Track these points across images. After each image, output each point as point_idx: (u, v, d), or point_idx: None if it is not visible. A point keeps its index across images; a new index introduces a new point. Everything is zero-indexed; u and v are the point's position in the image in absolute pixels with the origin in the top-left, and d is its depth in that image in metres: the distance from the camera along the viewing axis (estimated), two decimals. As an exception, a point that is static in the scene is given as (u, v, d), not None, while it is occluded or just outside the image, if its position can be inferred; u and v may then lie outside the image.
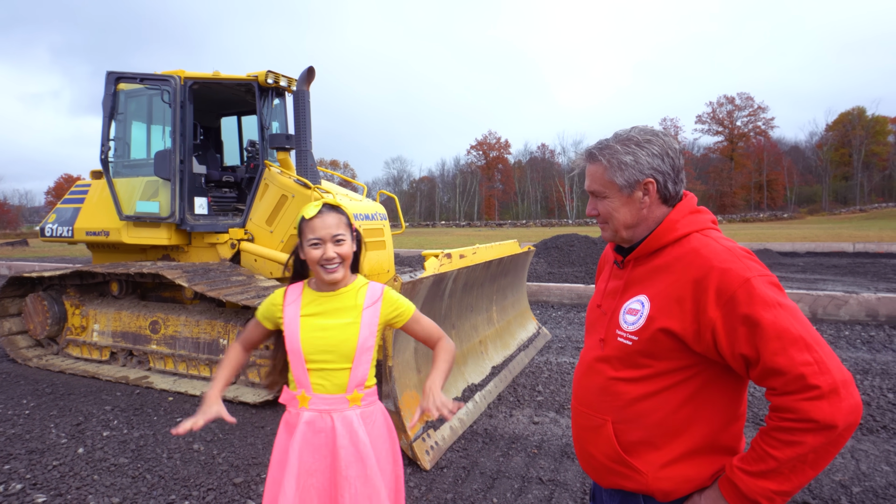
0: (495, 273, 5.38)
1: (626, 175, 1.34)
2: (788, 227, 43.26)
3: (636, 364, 1.32)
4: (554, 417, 4.17)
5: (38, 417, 4.27)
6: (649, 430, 1.30)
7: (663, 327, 1.26)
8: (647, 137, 1.35)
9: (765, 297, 1.15)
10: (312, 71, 5.42)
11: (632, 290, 1.38)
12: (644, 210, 1.36)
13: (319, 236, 1.68)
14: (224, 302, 4.98)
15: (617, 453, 1.33)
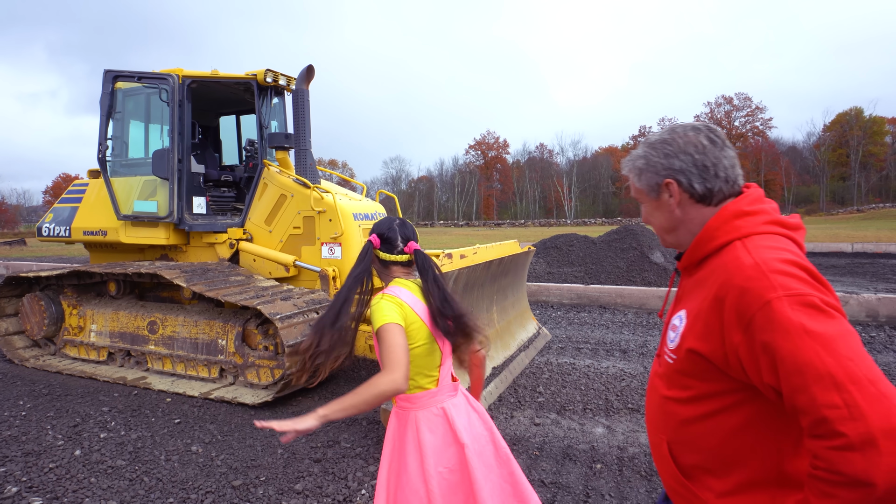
0: (496, 273, 5.35)
1: (646, 179, 1.31)
2: (786, 227, 43.21)
3: (680, 384, 1.24)
4: (555, 419, 4.15)
5: (34, 419, 4.23)
6: (705, 454, 1.22)
7: (691, 347, 1.18)
8: (664, 137, 1.29)
9: (786, 322, 1.00)
10: (312, 69, 5.38)
11: (680, 303, 1.31)
12: (676, 212, 1.29)
13: None
14: (223, 302, 4.95)
15: (676, 475, 1.26)
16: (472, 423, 1.90)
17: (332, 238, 5.20)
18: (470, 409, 1.94)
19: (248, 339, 4.74)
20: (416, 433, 1.80)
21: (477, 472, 1.77)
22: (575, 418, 4.15)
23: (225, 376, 4.96)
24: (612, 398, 4.55)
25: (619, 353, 6.00)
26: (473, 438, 1.85)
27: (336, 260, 5.24)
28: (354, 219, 5.31)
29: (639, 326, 7.44)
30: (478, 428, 1.90)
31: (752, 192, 1.26)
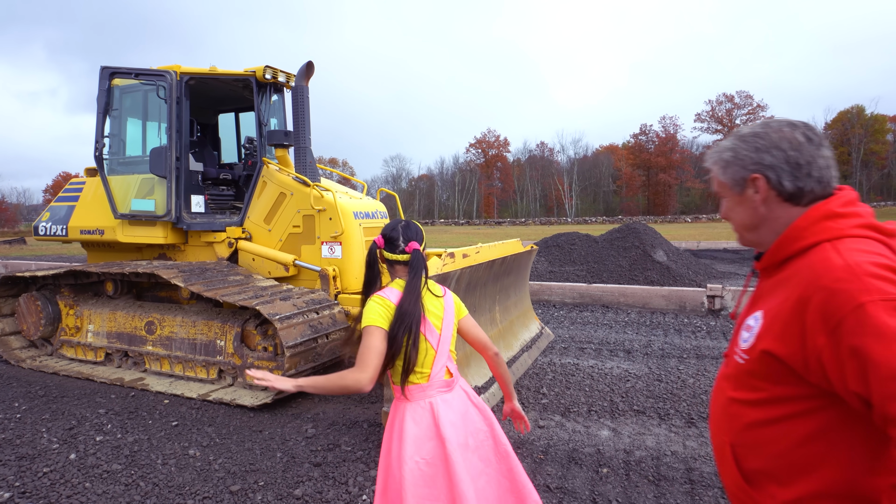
0: (498, 272, 5.28)
1: (731, 172, 1.26)
2: (787, 225, 43.12)
3: (750, 385, 1.19)
4: (559, 421, 4.07)
5: (29, 421, 4.15)
6: (770, 460, 1.17)
7: (766, 349, 1.13)
8: (756, 130, 1.24)
9: (881, 326, 0.95)
10: (311, 66, 5.30)
11: (757, 303, 1.25)
12: (761, 209, 1.24)
13: None
14: (221, 302, 4.87)
15: (738, 479, 1.22)
16: (470, 419, 1.95)
17: (333, 237, 5.12)
18: (469, 405, 1.99)
19: (246, 339, 4.67)
20: (402, 422, 1.89)
21: (458, 467, 1.81)
22: (580, 420, 4.07)
23: (224, 377, 4.88)
24: (617, 400, 4.47)
25: (623, 354, 5.92)
26: (471, 433, 1.92)
27: (336, 259, 5.16)
28: (355, 217, 5.23)
29: (642, 326, 7.36)
30: (477, 423, 1.96)
31: (844, 193, 1.20)
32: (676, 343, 6.36)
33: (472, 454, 1.90)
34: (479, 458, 1.92)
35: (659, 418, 4.08)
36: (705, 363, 5.48)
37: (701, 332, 6.96)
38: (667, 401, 4.41)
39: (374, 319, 1.85)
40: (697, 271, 11.69)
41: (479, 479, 1.88)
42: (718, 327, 7.17)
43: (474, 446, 1.92)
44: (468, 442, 1.91)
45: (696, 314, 8.09)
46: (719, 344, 6.29)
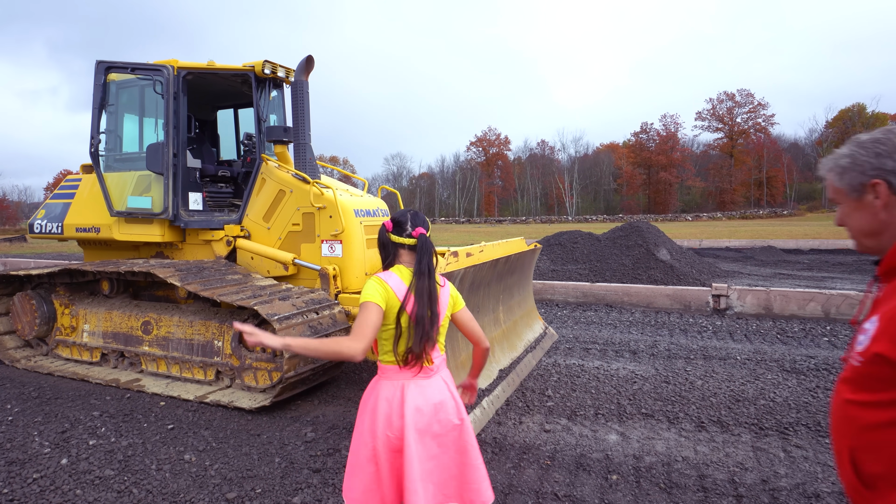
0: (502, 272, 5.16)
1: (848, 178, 1.27)
2: (789, 224, 43.08)
3: (865, 387, 1.17)
4: (566, 425, 3.96)
5: (21, 424, 4.05)
6: (890, 465, 1.13)
7: (878, 351, 1.12)
8: (876, 136, 1.24)
9: None
10: (311, 60, 5.18)
11: (875, 307, 1.24)
12: (881, 215, 1.23)
13: None
14: (219, 302, 4.76)
15: (857, 484, 1.19)
16: (443, 409, 2.01)
17: (333, 235, 5.01)
18: (448, 396, 2.06)
19: (244, 340, 4.55)
20: (377, 397, 2.01)
21: (409, 450, 1.91)
22: (587, 424, 3.96)
23: (221, 379, 4.77)
24: (625, 402, 4.36)
25: (628, 355, 5.81)
26: (437, 421, 1.99)
27: (337, 258, 5.05)
28: (356, 215, 5.12)
29: (647, 326, 7.25)
30: (449, 414, 2.02)
31: None
32: (682, 343, 6.25)
33: (430, 439, 1.98)
34: (438, 444, 2.00)
35: (668, 422, 3.97)
36: (713, 364, 5.37)
37: (707, 332, 6.85)
38: (675, 403, 4.30)
39: (372, 296, 1.94)
40: (701, 270, 11.57)
41: (430, 461, 1.97)
42: (725, 327, 7.06)
43: (437, 432, 1.99)
44: (432, 428, 1.98)
45: (702, 314, 7.98)
46: (726, 344, 6.18)
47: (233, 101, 6.88)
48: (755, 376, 4.95)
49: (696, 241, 20.34)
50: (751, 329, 6.94)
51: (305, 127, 5.23)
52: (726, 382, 4.78)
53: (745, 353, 5.74)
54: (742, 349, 5.93)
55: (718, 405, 4.25)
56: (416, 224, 2.09)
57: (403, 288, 1.99)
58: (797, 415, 4.02)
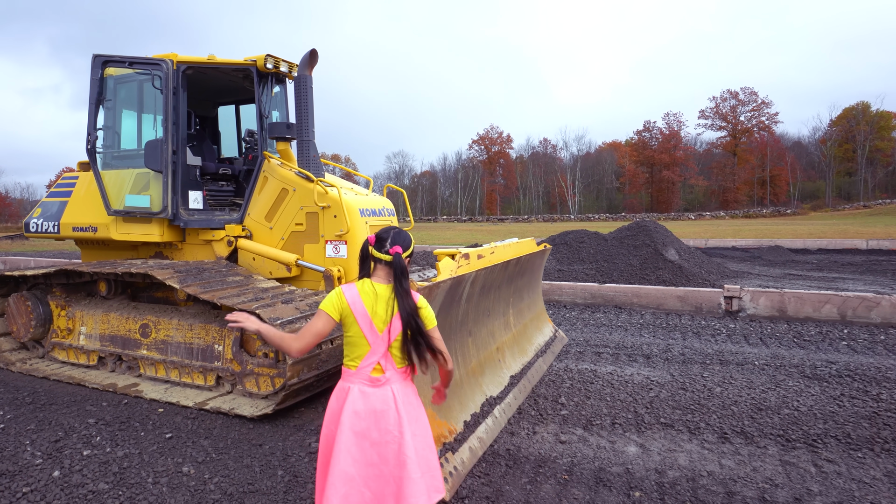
0: (512, 274, 4.98)
1: None
2: (792, 223, 42.84)
3: None
4: (582, 435, 3.78)
5: (13, 432, 3.88)
6: None
7: None
8: None
9: None
10: (315, 54, 5.00)
11: None
12: None
13: None
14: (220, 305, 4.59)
15: None
16: (384, 418, 2.11)
17: (338, 235, 4.83)
18: (392, 408, 2.13)
19: (246, 344, 4.38)
20: (332, 393, 2.22)
21: (338, 445, 2.07)
22: (604, 435, 3.78)
23: (222, 384, 4.60)
24: (642, 411, 4.18)
25: (642, 359, 5.63)
26: (376, 428, 2.10)
27: (341, 259, 4.88)
28: (361, 215, 4.94)
29: (658, 329, 7.07)
30: (390, 424, 2.11)
31: None
32: (696, 347, 6.06)
33: (370, 446, 2.09)
34: (378, 453, 2.09)
35: (689, 432, 3.79)
36: (730, 370, 5.19)
37: (720, 335, 6.67)
38: (695, 412, 4.12)
39: (327, 306, 2.16)
40: (710, 271, 11.39)
41: (369, 468, 2.08)
42: (738, 330, 6.87)
43: (376, 440, 2.10)
44: (370, 434, 2.10)
45: (713, 316, 7.80)
46: (742, 349, 5.99)
47: (234, 98, 6.71)
48: (775, 383, 4.77)
49: (702, 240, 20.14)
50: (766, 332, 6.76)
51: (309, 123, 5.05)
52: (746, 390, 4.60)
53: (762, 358, 5.55)
54: (759, 354, 5.75)
55: (740, 414, 4.07)
56: (395, 243, 2.22)
57: (359, 300, 2.15)
58: (825, 425, 3.83)
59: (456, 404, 3.61)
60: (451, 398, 3.60)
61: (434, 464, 2.19)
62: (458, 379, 3.74)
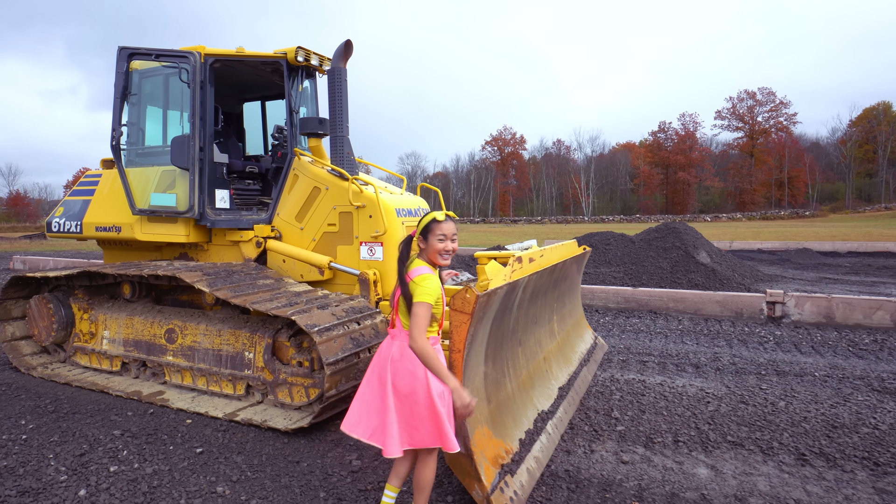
0: (557, 278, 4.69)
1: None
2: (813, 225, 42.02)
3: None
4: (644, 454, 3.48)
5: (35, 444, 3.66)
6: None
7: None
8: None
9: None
10: (350, 45, 4.75)
11: None
12: None
13: (446, 234, 2.50)
14: (250, 309, 4.35)
15: None
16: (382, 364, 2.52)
17: (373, 237, 4.58)
18: (389, 360, 2.49)
19: (279, 352, 4.14)
20: None
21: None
22: (668, 454, 3.48)
23: (252, 394, 4.36)
24: (704, 427, 3.87)
25: (691, 369, 5.30)
26: (379, 369, 2.53)
27: (377, 262, 4.62)
28: (397, 215, 4.68)
29: (700, 335, 6.73)
30: (385, 372, 2.48)
31: None
32: (746, 356, 5.73)
33: (375, 374, 2.54)
34: (378, 379, 2.51)
35: (762, 453, 3.47)
36: (790, 381, 4.85)
37: (768, 343, 6.32)
38: (764, 430, 3.80)
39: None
40: (744, 274, 11.00)
41: (368, 386, 2.55)
42: (787, 338, 6.51)
43: (377, 374, 2.52)
44: (376, 367, 2.54)
45: (755, 322, 7.44)
46: (795, 358, 5.64)
47: (260, 93, 6.49)
48: (843, 397, 4.43)
49: (727, 242, 19.65)
50: (815, 340, 6.39)
51: (343, 118, 4.81)
52: (813, 404, 4.27)
53: (820, 369, 5.21)
54: (815, 364, 5.40)
55: (814, 433, 3.74)
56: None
57: None
58: (912, 447, 3.50)
59: (510, 420, 3.33)
60: (505, 414, 3.32)
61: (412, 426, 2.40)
62: (510, 393, 3.46)
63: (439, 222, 2.49)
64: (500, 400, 3.34)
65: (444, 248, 2.49)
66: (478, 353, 3.06)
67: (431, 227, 2.50)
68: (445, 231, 2.49)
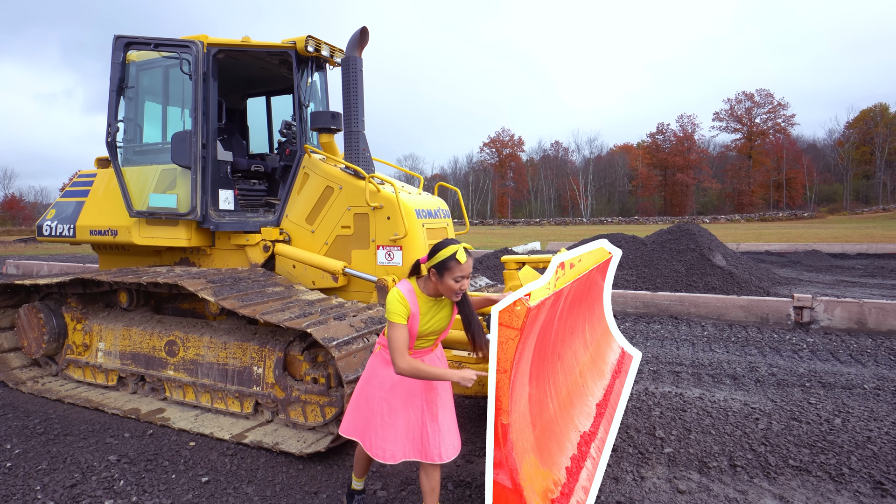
0: (588, 284, 4.35)
1: None
2: (812, 226, 41.86)
3: None
4: (701, 481, 3.13)
5: (21, 473, 3.28)
6: None
7: None
8: None
9: None
10: (366, 32, 4.40)
11: None
12: None
13: (464, 275, 2.39)
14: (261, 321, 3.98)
15: None
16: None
17: (392, 240, 4.22)
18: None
19: (290, 367, 3.77)
20: None
21: None
22: (727, 481, 3.13)
23: (261, 412, 3.99)
24: (760, 449, 3.52)
25: (728, 380, 4.96)
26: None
27: (395, 267, 4.26)
28: (418, 216, 4.33)
29: (729, 343, 6.39)
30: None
31: None
32: (783, 366, 5.39)
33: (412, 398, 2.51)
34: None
35: (832, 480, 3.12)
36: (838, 394, 4.52)
37: (803, 350, 5.98)
38: (827, 452, 3.46)
39: None
40: (761, 277, 10.68)
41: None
42: (820, 345, 6.18)
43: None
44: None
45: (782, 328, 7.11)
46: (835, 367, 5.31)
47: (265, 88, 6.13)
48: (902, 412, 4.10)
49: (734, 244, 19.35)
50: (852, 348, 6.06)
51: (359, 112, 4.45)
52: (874, 422, 3.93)
53: (868, 380, 4.87)
54: (860, 374, 5.07)
55: (885, 456, 3.40)
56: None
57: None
58: None
59: (554, 447, 2.97)
60: (549, 439, 2.97)
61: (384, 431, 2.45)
62: (552, 414, 3.11)
63: (460, 263, 2.32)
64: (544, 423, 2.99)
65: (459, 287, 2.36)
66: (523, 372, 2.71)
67: (450, 265, 2.33)
68: (465, 272, 2.35)
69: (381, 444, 2.44)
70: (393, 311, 2.33)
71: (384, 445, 2.43)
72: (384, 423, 2.44)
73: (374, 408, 2.47)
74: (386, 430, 2.44)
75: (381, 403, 2.46)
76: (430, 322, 2.44)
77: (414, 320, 2.37)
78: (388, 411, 2.44)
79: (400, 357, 2.28)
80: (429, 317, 2.43)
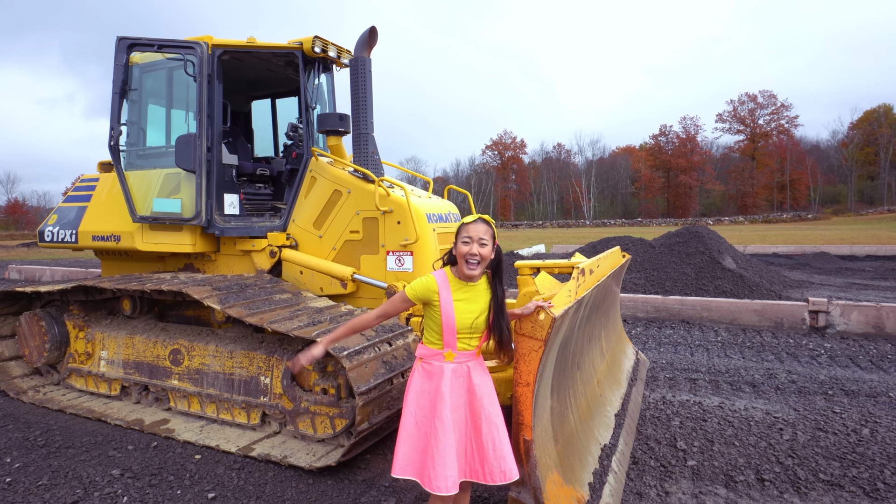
0: (605, 290, 4.22)
1: None
2: (817, 227, 41.67)
3: None
4: (728, 497, 2.99)
5: (21, 489, 3.16)
6: None
7: None
8: None
9: None
10: (375, 32, 4.30)
11: None
12: None
13: (471, 236, 2.25)
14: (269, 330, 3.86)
15: None
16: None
17: (402, 245, 4.10)
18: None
19: (299, 377, 3.65)
20: None
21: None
22: (756, 497, 3.00)
23: (268, 423, 3.87)
24: (788, 461, 3.38)
25: (748, 388, 4.83)
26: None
27: (406, 273, 4.14)
28: (428, 221, 4.21)
29: (744, 348, 6.26)
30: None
31: None
32: (802, 372, 5.25)
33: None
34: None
35: (866, 496, 2.99)
36: (863, 403, 4.38)
37: (821, 356, 5.84)
38: (858, 465, 3.32)
39: None
40: (772, 280, 10.53)
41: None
42: (838, 351, 6.04)
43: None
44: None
45: (797, 332, 6.97)
46: (856, 374, 5.17)
47: (270, 90, 6.02)
48: (931, 422, 3.96)
49: (740, 246, 19.19)
50: (871, 354, 5.92)
51: (367, 114, 4.35)
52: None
53: (893, 388, 4.73)
54: (883, 382, 4.93)
55: (918, 468, 3.26)
56: None
57: None
58: None
59: (576, 461, 2.85)
60: (571, 454, 2.85)
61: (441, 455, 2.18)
62: (573, 427, 2.99)
63: (466, 224, 2.29)
64: (566, 437, 2.86)
65: (468, 251, 2.23)
66: (546, 384, 2.60)
67: (459, 230, 2.31)
68: (471, 233, 2.25)
69: (441, 471, 2.13)
70: (411, 285, 2.33)
71: (445, 473, 2.12)
72: (439, 443, 2.16)
73: (427, 430, 2.22)
74: (444, 451, 2.15)
75: (434, 421, 2.21)
76: (466, 312, 2.26)
77: (448, 305, 2.25)
78: (442, 429, 2.18)
79: (379, 308, 2.39)
80: (463, 303, 2.28)
